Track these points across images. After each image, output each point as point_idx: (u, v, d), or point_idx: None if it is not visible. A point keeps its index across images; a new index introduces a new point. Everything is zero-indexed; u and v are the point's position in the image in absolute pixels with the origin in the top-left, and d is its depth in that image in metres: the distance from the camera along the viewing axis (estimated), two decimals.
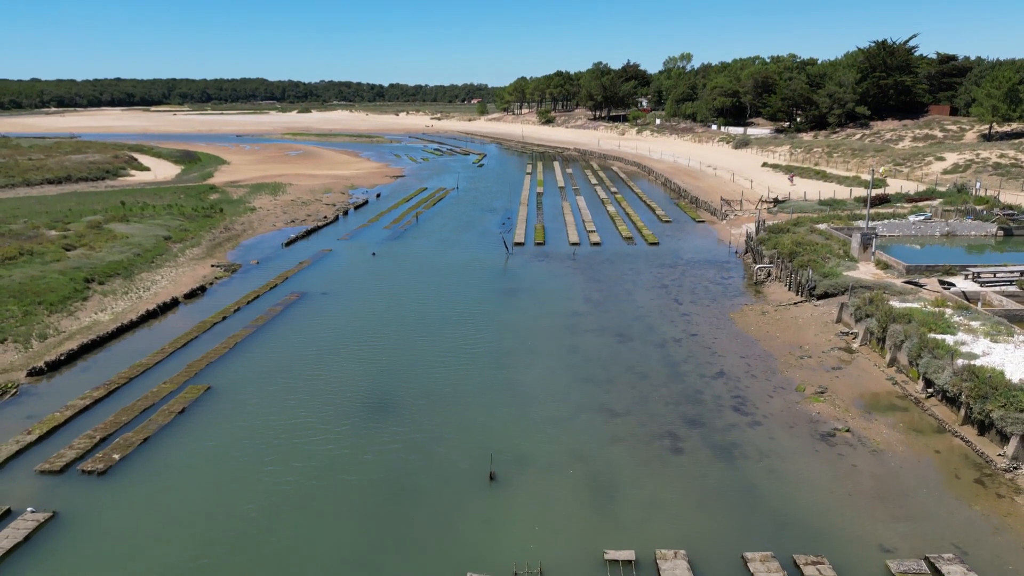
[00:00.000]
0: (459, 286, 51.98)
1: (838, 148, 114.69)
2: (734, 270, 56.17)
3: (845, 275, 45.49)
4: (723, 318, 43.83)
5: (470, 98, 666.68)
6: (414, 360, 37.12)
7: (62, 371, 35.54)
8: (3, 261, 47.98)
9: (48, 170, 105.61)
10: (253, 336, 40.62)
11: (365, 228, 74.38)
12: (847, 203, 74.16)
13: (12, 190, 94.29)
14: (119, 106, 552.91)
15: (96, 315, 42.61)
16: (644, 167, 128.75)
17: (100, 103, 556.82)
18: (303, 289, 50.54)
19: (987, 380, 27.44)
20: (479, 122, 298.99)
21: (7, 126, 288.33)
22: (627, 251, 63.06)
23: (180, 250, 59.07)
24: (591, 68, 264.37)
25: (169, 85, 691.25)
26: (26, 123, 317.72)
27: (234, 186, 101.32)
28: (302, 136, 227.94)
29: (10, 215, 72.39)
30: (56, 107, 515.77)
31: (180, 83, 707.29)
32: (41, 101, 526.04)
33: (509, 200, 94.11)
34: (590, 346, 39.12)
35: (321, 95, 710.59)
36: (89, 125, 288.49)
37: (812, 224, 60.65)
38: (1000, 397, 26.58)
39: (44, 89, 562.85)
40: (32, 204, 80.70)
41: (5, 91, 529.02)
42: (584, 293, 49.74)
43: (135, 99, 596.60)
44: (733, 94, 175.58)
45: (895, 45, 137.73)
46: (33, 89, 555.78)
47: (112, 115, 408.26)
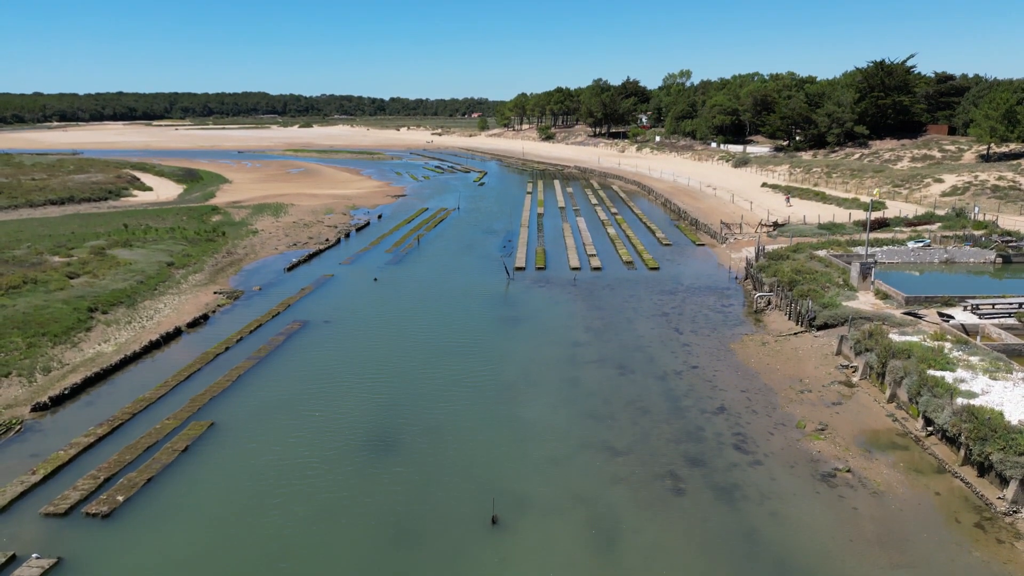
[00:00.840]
0: (460, 314, 52.21)
1: (837, 168, 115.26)
2: (734, 297, 56.41)
3: (845, 305, 45.74)
4: (723, 349, 44.03)
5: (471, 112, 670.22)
6: (416, 394, 37.29)
7: (66, 405, 35.70)
8: (7, 290, 48.23)
9: (51, 191, 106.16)
10: (255, 368, 40.80)
11: (367, 251, 74.69)
12: (846, 227, 74.52)
13: (15, 211, 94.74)
14: (121, 120, 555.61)
15: (100, 346, 42.82)
16: (644, 186, 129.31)
17: (102, 117, 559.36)
18: (305, 317, 50.76)
19: (986, 422, 27.61)
20: (480, 138, 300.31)
21: (9, 141, 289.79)
22: (628, 276, 63.32)
23: (183, 276, 59.34)
24: (591, 85, 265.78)
25: (171, 99, 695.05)
26: (28, 138, 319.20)
27: (236, 207, 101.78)
28: (303, 152, 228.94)
29: (13, 239, 72.76)
30: (58, 121, 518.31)
31: (182, 97, 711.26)
32: (43, 115, 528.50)
33: (509, 221, 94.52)
34: (591, 379, 39.30)
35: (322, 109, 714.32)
36: (92, 141, 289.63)
37: (811, 250, 60.96)
38: (999, 440, 26.74)
39: (46, 103, 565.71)
40: (35, 227, 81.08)
41: (8, 105, 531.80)
42: (585, 321, 49.96)
43: (137, 113, 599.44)
44: (732, 112, 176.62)
45: (893, 65, 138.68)
46: (35, 103, 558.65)
47: (114, 130, 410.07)
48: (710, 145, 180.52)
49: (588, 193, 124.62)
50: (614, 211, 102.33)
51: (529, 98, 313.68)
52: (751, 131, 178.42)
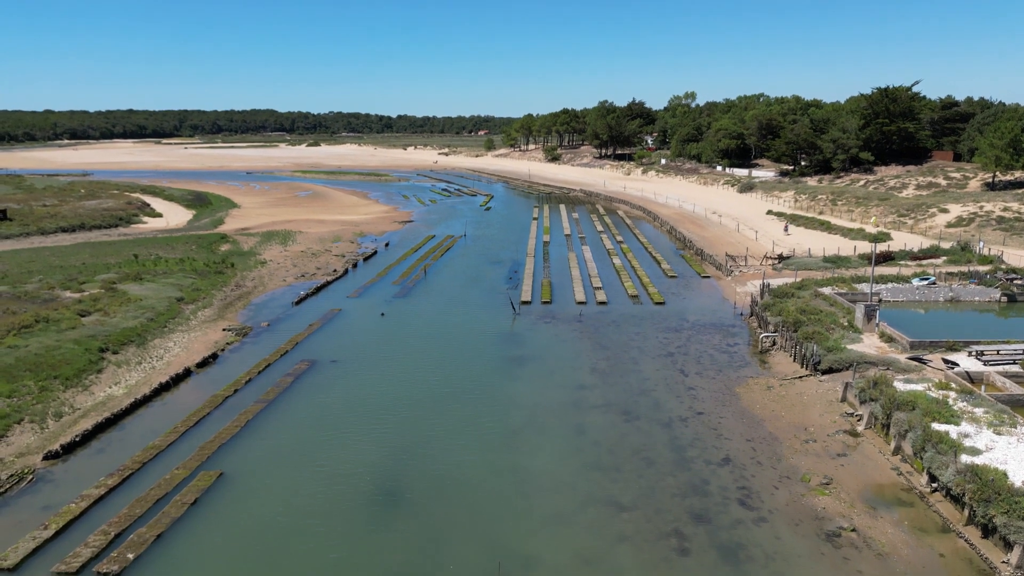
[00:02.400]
0: (467, 353, 52.57)
1: (842, 196, 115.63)
2: (739, 335, 56.61)
3: (849, 349, 45.94)
4: (729, 393, 44.22)
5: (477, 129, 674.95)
6: (422, 441, 37.58)
7: (77, 452, 36.12)
8: (20, 330, 48.87)
9: (62, 218, 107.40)
10: (264, 412, 41.19)
11: (374, 283, 75.23)
12: (851, 260, 74.76)
13: (27, 239, 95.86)
14: (131, 138, 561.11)
15: (110, 388, 43.31)
16: (649, 212, 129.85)
17: (112, 135, 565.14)
18: (313, 356, 51.21)
19: (989, 483, 27.74)
20: (486, 158, 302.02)
21: (20, 161, 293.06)
22: (633, 312, 63.61)
23: (192, 312, 59.94)
24: (597, 106, 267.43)
25: (180, 117, 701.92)
26: (40, 157, 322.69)
27: (245, 234, 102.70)
28: (311, 174, 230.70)
29: (25, 270, 73.68)
30: (69, 139, 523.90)
31: (191, 115, 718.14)
32: (54, 133, 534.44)
33: (515, 250, 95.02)
34: (596, 426, 39.53)
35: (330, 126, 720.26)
36: (102, 161, 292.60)
37: (816, 287, 61.20)
38: (1003, 502, 26.86)
39: (57, 121, 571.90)
40: (47, 257, 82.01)
41: (19, 123, 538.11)
42: (591, 362, 50.24)
43: (147, 131, 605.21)
44: (738, 136, 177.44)
45: (898, 92, 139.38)
46: (46, 121, 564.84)
47: (124, 148, 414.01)
48: (715, 169, 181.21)
49: (594, 219, 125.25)
50: (619, 239, 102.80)
51: (535, 119, 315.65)
52: (756, 154, 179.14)
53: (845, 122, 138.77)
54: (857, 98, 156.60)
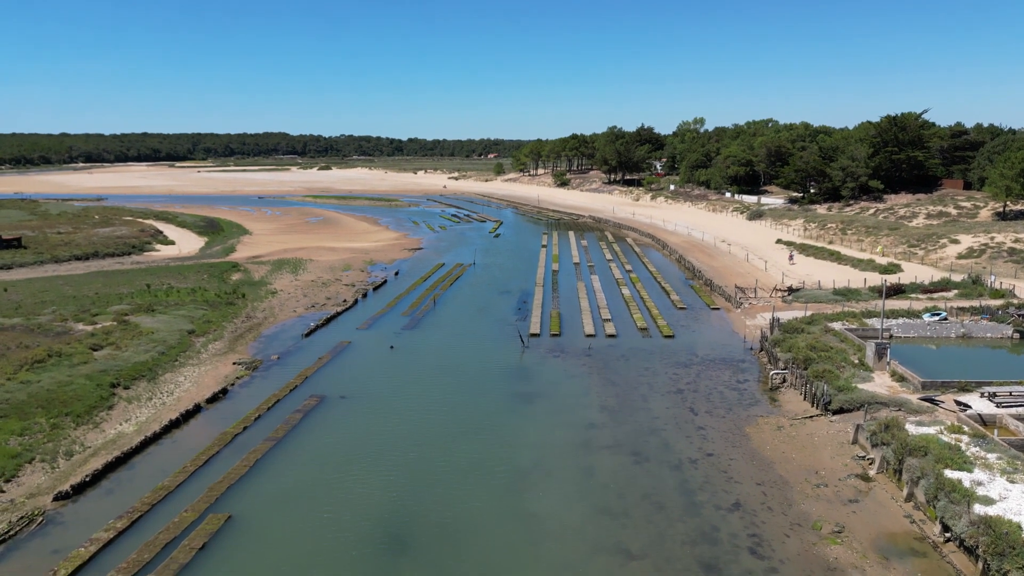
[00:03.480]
0: (475, 388, 52.53)
1: (852, 225, 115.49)
2: (749, 371, 56.36)
3: (860, 389, 45.65)
4: (739, 433, 43.95)
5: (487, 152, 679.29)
6: (429, 483, 37.47)
7: (87, 493, 36.23)
8: (33, 365, 49.30)
9: (76, 246, 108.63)
10: (273, 451, 41.24)
11: (383, 314, 75.46)
12: (862, 293, 74.50)
13: (41, 267, 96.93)
14: (145, 161, 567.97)
15: (121, 426, 43.54)
16: (658, 240, 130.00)
17: (127, 158, 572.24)
18: (322, 391, 51.33)
19: (1004, 536, 27.41)
20: (496, 183, 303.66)
21: (36, 185, 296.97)
22: (643, 346, 63.47)
23: (203, 344, 60.28)
24: (606, 132, 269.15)
25: (194, 140, 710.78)
26: (55, 181, 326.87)
27: (256, 262, 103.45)
28: (322, 199, 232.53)
29: (39, 300, 74.42)
30: (84, 162, 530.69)
31: (205, 138, 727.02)
32: (70, 156, 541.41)
33: (524, 280, 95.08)
34: (605, 467, 39.35)
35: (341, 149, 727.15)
36: (116, 185, 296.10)
37: (826, 322, 60.97)
38: (1018, 557, 26.52)
39: (73, 144, 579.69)
40: (60, 286, 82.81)
41: (35, 146, 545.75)
42: (600, 399, 50.11)
43: (161, 154, 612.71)
44: (747, 163, 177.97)
45: (907, 120, 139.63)
46: (62, 145, 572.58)
47: (138, 172, 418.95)
48: (724, 195, 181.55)
49: (603, 246, 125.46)
50: (628, 268, 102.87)
51: (545, 144, 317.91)
52: (765, 181, 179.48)
53: (854, 150, 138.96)
54: (866, 125, 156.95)
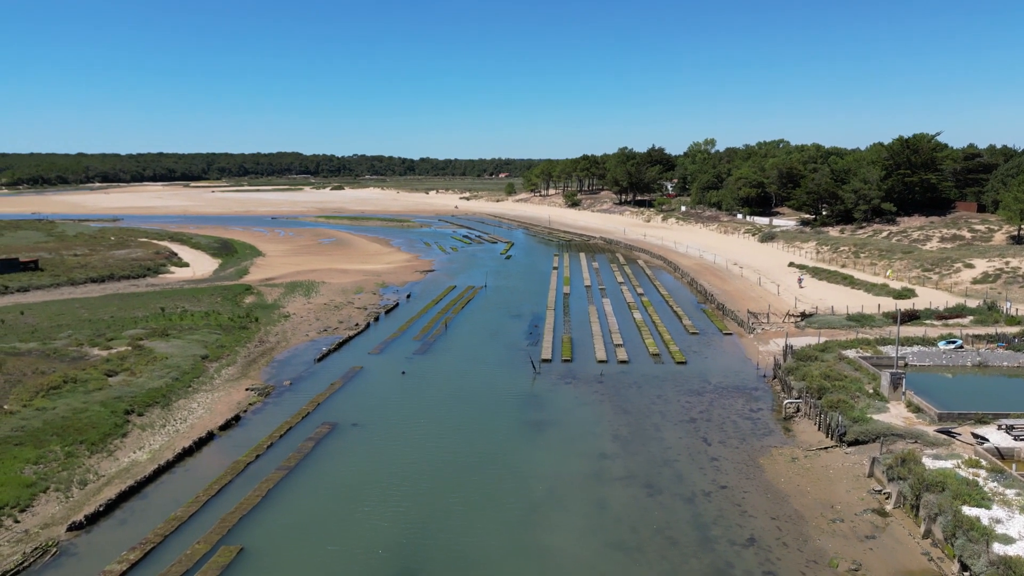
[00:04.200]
0: (487, 416, 52.41)
1: (865, 248, 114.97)
2: (762, 399, 55.96)
3: (876, 420, 45.23)
4: (753, 464, 43.58)
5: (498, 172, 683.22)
6: (441, 515, 37.34)
7: (100, 523, 36.34)
8: (48, 391, 49.71)
9: (92, 268, 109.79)
10: (285, 480, 41.26)
11: (395, 339, 75.60)
12: (876, 319, 73.98)
13: (58, 290, 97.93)
14: (161, 181, 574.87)
15: (134, 454, 43.74)
16: (670, 262, 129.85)
17: (143, 178, 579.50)
18: (335, 418, 51.40)
19: None
20: (507, 203, 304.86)
21: (53, 205, 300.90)
22: (655, 372, 63.22)
23: (216, 370, 60.60)
24: (617, 153, 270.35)
25: (208, 159, 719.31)
26: (71, 201, 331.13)
27: (269, 285, 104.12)
28: (335, 219, 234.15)
29: (55, 323, 75.16)
30: (100, 182, 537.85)
31: (219, 157, 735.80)
32: (86, 176, 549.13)
33: (535, 303, 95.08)
34: (618, 500, 39.08)
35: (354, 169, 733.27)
36: (132, 205, 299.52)
37: (840, 350, 60.56)
38: None
39: (89, 164, 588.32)
40: (76, 309, 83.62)
41: (53, 166, 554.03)
42: (612, 427, 49.88)
43: (176, 174, 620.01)
44: (758, 184, 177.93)
45: (919, 143, 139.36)
46: (79, 165, 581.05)
47: (154, 192, 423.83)
48: (736, 216, 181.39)
49: (614, 268, 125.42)
50: (640, 291, 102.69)
51: (556, 164, 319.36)
52: (777, 202, 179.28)
53: (866, 173, 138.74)
54: (878, 147, 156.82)
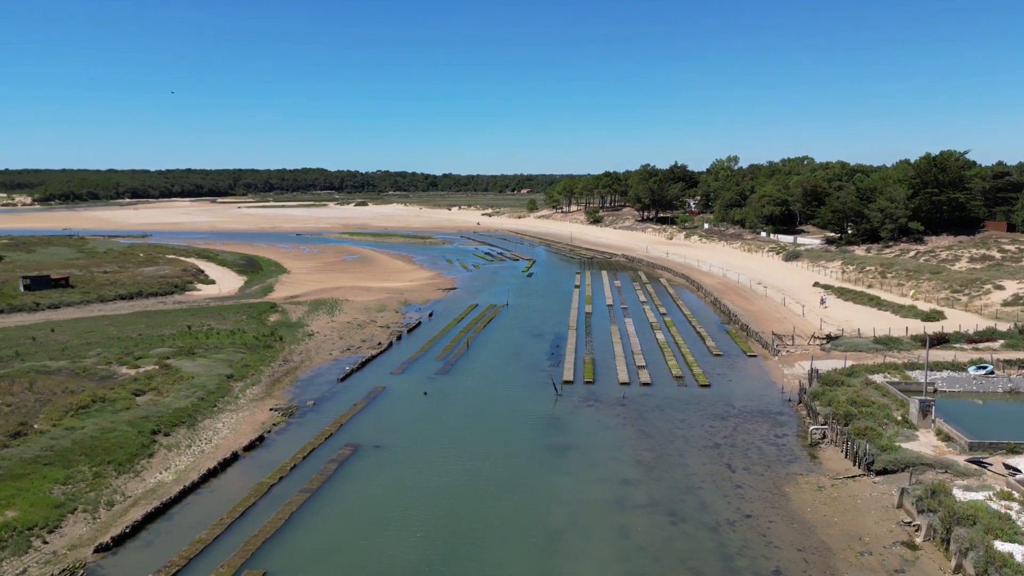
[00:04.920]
0: (508, 439, 52.28)
1: (892, 268, 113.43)
2: (787, 424, 55.24)
3: (904, 449, 44.45)
4: (778, 493, 42.98)
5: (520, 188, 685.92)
6: (462, 542, 37.26)
7: (127, 544, 36.74)
8: (77, 411, 50.54)
9: (121, 285, 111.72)
10: (308, 503, 41.46)
11: (417, 358, 75.86)
12: (903, 342, 72.82)
13: (88, 307, 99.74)
14: (188, 197, 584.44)
15: (160, 475, 44.24)
16: (693, 280, 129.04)
17: (171, 194, 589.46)
18: (357, 439, 51.62)
19: None
20: (529, 220, 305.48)
21: (84, 221, 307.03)
22: (678, 395, 62.73)
23: (241, 389, 61.23)
24: (639, 170, 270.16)
25: (235, 175, 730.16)
26: (102, 217, 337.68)
27: (293, 303, 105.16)
28: (358, 236, 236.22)
29: (84, 341, 76.49)
30: (130, 198, 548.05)
31: (245, 173, 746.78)
32: (116, 192, 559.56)
33: (557, 322, 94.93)
34: (641, 528, 38.73)
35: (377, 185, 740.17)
36: (160, 221, 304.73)
37: (867, 374, 59.70)
38: None
39: (120, 180, 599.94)
40: (105, 326, 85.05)
41: (84, 182, 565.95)
42: (635, 453, 49.51)
43: (203, 190, 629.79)
44: (782, 202, 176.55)
45: (947, 160, 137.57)
46: (109, 181, 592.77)
47: (182, 208, 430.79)
48: (759, 234, 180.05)
49: (636, 287, 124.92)
50: (663, 311, 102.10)
51: (578, 181, 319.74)
52: (801, 220, 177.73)
53: (893, 191, 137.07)
54: (904, 165, 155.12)
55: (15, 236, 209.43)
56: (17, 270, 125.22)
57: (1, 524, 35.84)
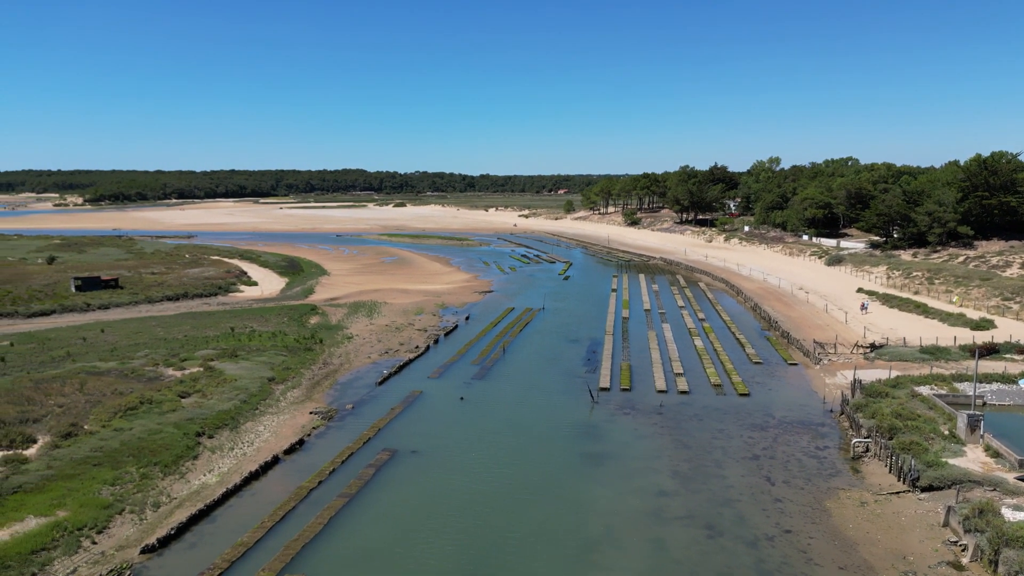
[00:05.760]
0: (544, 446, 52.29)
1: (940, 274, 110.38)
2: (829, 436, 54.20)
3: (951, 465, 43.28)
4: (819, 508, 42.22)
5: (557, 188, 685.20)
6: (497, 550, 37.44)
7: (171, 546, 37.73)
8: (126, 412, 52.06)
9: (168, 286, 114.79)
10: (347, 508, 42.07)
11: (454, 363, 76.32)
12: (951, 352, 70.84)
13: (136, 307, 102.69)
14: (232, 198, 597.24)
15: (204, 476, 45.34)
16: (732, 285, 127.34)
17: (215, 195, 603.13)
18: (394, 444, 52.20)
19: None
20: (565, 221, 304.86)
21: (133, 221, 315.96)
22: (716, 404, 62.02)
23: (282, 392, 62.39)
24: (678, 171, 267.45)
25: (277, 176, 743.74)
26: (150, 218, 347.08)
27: (333, 305, 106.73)
28: (396, 238, 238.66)
29: (133, 341, 78.81)
30: (177, 199, 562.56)
31: (287, 174, 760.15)
32: (164, 193, 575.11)
33: (593, 327, 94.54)
34: (677, 541, 38.42)
35: (416, 186, 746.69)
36: (205, 222, 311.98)
37: (913, 386, 58.24)
38: None
39: (167, 181, 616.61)
40: (152, 327, 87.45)
41: (133, 183, 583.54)
42: (672, 463, 49.11)
43: (246, 191, 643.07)
44: (825, 205, 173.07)
45: (997, 162, 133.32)
46: (157, 182, 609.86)
47: (225, 208, 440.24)
48: (801, 238, 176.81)
49: (674, 291, 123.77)
50: (701, 316, 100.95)
51: (615, 182, 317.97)
52: (845, 223, 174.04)
53: (941, 195, 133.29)
54: (953, 167, 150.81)
55: (67, 237, 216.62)
56: (69, 271, 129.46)
57: (53, 524, 37.15)
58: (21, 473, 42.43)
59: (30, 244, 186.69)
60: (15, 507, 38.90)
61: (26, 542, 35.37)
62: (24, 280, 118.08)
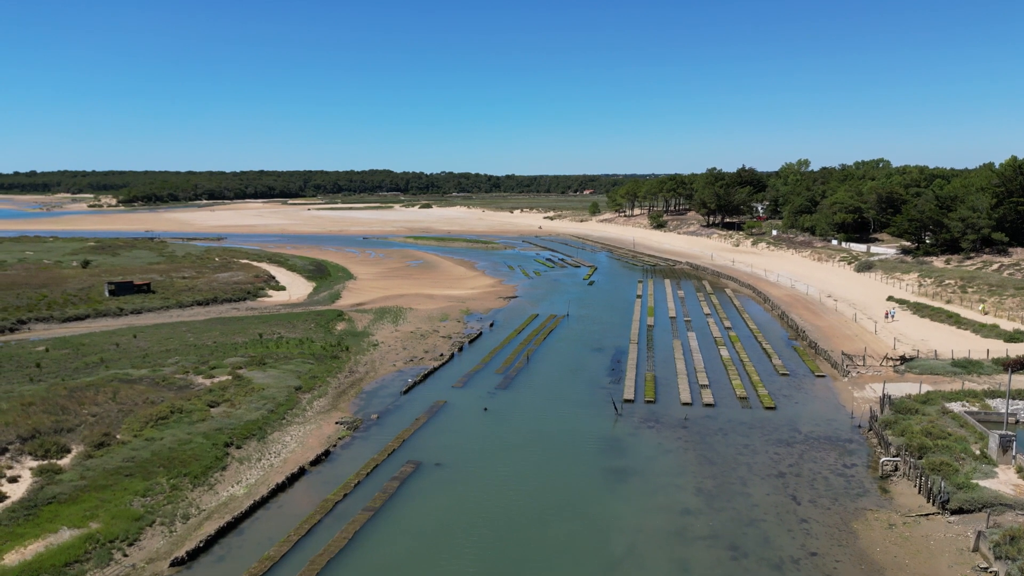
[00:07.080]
0: (567, 460, 52.29)
1: (973, 282, 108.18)
2: (857, 453, 53.46)
3: (982, 487, 42.49)
4: (845, 529, 41.71)
5: (582, 189, 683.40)
6: (518, 566, 37.60)
7: (200, 559, 38.44)
8: (156, 421, 53.10)
9: (198, 291, 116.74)
10: (371, 522, 42.50)
11: (478, 371, 76.58)
12: (984, 366, 69.45)
13: (167, 312, 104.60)
14: (261, 198, 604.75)
15: (232, 488, 46.08)
16: (759, 292, 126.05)
17: (245, 195, 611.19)
18: (419, 456, 52.59)
19: None
20: (590, 223, 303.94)
21: (164, 223, 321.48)
22: (742, 418, 61.50)
23: (308, 402, 63.15)
24: (704, 173, 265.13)
25: (305, 177, 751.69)
26: (180, 219, 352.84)
27: (359, 310, 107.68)
28: (422, 240, 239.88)
29: (164, 347, 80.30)
30: (207, 199, 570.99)
31: (315, 175, 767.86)
32: (194, 194, 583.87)
33: (618, 335, 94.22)
34: (701, 562, 38.22)
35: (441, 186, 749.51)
36: (234, 224, 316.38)
37: (944, 402, 57.21)
38: None
39: (197, 182, 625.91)
40: (183, 333, 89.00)
41: (165, 184, 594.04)
42: (696, 480, 48.83)
43: (275, 191, 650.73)
44: (855, 210, 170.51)
45: None
46: (188, 183, 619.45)
47: (254, 210, 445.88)
48: (830, 243, 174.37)
49: (700, 298, 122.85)
50: (727, 324, 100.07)
51: (641, 184, 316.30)
52: (875, 227, 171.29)
53: (975, 200, 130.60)
54: (987, 171, 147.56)
55: (101, 239, 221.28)
56: (103, 275, 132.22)
57: (86, 536, 38.04)
58: (55, 483, 43.50)
59: (65, 247, 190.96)
60: (49, 518, 39.91)
61: (60, 554, 36.27)
62: (60, 284, 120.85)
